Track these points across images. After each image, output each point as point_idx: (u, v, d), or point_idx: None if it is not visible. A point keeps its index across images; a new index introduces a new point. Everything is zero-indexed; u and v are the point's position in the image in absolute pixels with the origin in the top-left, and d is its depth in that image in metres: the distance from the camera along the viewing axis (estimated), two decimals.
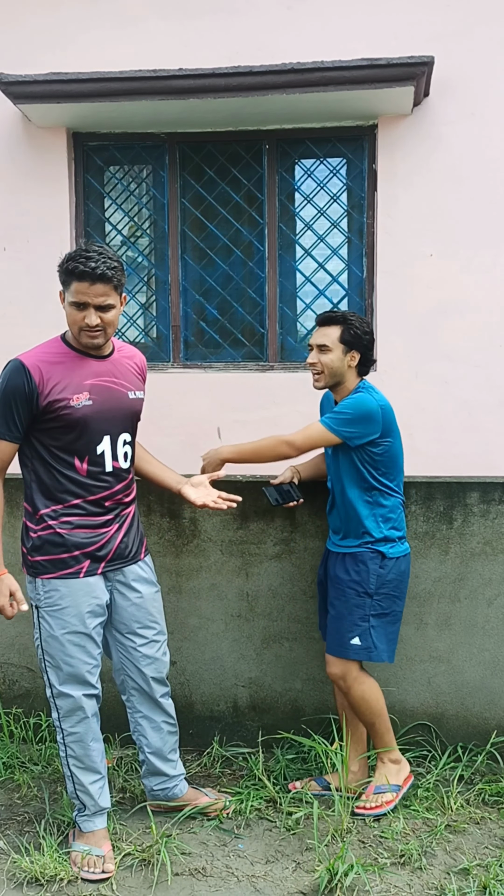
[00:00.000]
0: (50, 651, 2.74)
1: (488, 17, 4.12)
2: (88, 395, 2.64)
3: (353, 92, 3.97)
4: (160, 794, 3.07)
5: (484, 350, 4.20)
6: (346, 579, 3.08)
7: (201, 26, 4.27)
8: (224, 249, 4.55)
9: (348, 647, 3.05)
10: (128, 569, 2.86)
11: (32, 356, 2.64)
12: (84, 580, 2.73)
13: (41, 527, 2.72)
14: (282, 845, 2.92)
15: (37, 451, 2.68)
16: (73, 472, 2.67)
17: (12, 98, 4.14)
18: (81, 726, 2.78)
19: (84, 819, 2.84)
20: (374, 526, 3.08)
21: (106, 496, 2.74)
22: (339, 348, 2.99)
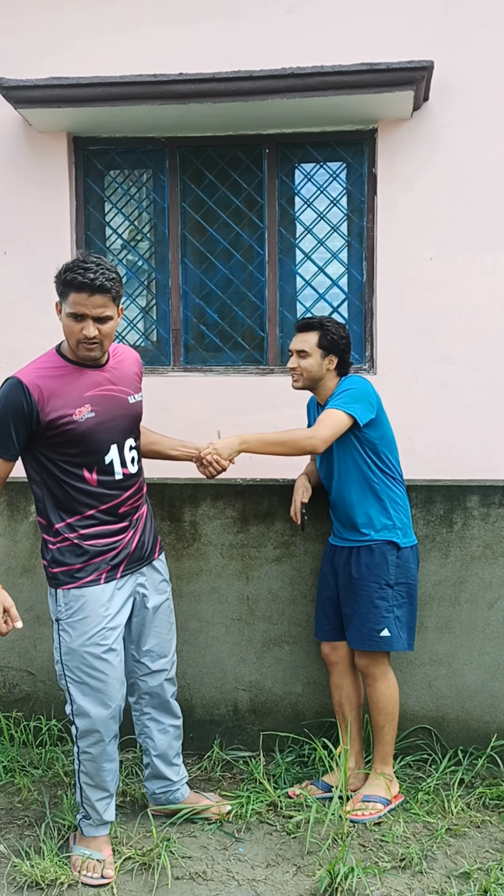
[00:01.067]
0: (70, 665, 2.72)
1: (487, 21, 4.12)
2: (90, 408, 2.62)
3: (352, 96, 3.97)
4: (162, 797, 3.06)
5: (484, 353, 4.20)
6: (365, 573, 3.10)
7: (201, 31, 4.28)
8: (224, 253, 4.55)
9: (378, 640, 3.10)
10: (147, 570, 2.89)
11: (30, 373, 2.61)
12: (103, 587, 2.72)
13: (58, 539, 2.71)
14: (282, 849, 2.92)
15: (45, 466, 2.66)
16: (84, 484, 2.66)
17: (13, 102, 4.14)
18: (96, 748, 2.76)
19: (87, 824, 2.84)
20: (385, 513, 3.12)
21: (119, 503, 2.74)
22: (317, 353, 3.13)
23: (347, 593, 3.15)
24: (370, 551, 3.11)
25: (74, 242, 4.51)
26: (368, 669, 3.13)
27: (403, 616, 3.14)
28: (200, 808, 3.06)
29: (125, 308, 4.68)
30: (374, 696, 3.14)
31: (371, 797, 3.11)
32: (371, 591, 3.10)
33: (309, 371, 3.13)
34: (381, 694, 3.13)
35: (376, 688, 3.13)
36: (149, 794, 3.09)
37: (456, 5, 4.14)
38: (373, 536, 3.11)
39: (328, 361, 3.15)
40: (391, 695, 3.15)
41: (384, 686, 3.14)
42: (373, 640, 3.10)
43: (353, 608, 3.13)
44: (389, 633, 3.09)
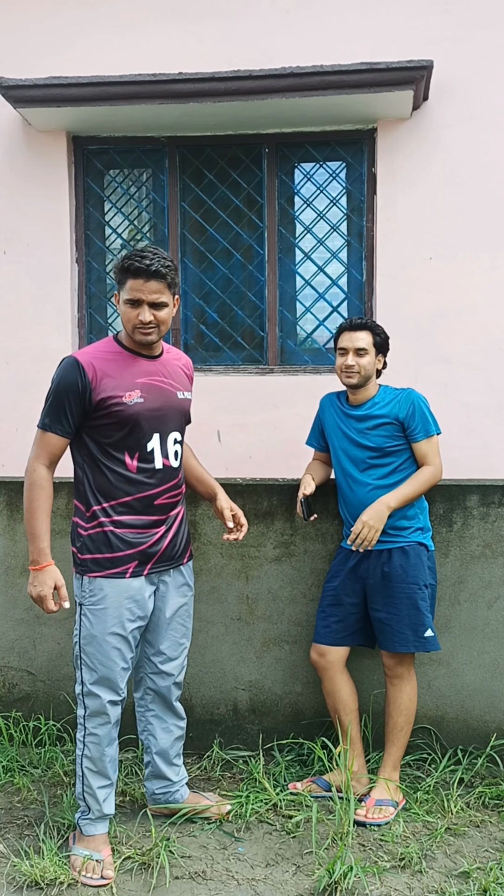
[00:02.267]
0: (87, 649, 2.76)
1: (487, 21, 4.13)
2: (140, 393, 2.69)
3: (352, 96, 3.97)
4: (161, 798, 3.06)
5: (483, 353, 4.21)
6: (401, 574, 3.14)
7: (201, 30, 4.28)
8: (224, 253, 4.55)
9: (424, 640, 3.15)
10: (173, 572, 2.91)
11: (86, 353, 2.69)
12: (128, 581, 2.76)
13: (92, 524, 2.74)
14: (282, 848, 2.92)
15: (88, 448, 2.72)
16: (124, 469, 2.71)
17: (12, 102, 4.15)
18: (102, 729, 2.80)
19: (86, 822, 2.83)
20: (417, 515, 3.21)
21: (156, 494, 2.77)
22: (372, 351, 3.23)
23: (386, 595, 3.16)
24: (403, 553, 3.16)
25: (74, 242, 4.51)
26: (397, 670, 3.17)
27: (432, 616, 3.24)
28: (200, 808, 3.06)
29: None
30: (398, 697, 3.16)
31: (383, 801, 3.12)
32: (412, 591, 3.14)
33: (366, 369, 3.20)
34: (407, 695, 3.17)
35: (402, 688, 3.17)
36: (148, 795, 3.09)
37: (455, 5, 4.14)
38: (407, 538, 3.17)
39: (378, 361, 3.26)
40: (414, 696, 3.20)
41: (409, 687, 3.19)
42: (419, 640, 3.14)
43: (389, 612, 3.15)
44: (432, 633, 3.17)
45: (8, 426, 4.50)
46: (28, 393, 4.48)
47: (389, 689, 3.20)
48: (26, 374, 4.47)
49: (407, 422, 3.18)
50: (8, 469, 4.41)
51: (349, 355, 3.20)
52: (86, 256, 4.59)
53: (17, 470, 4.33)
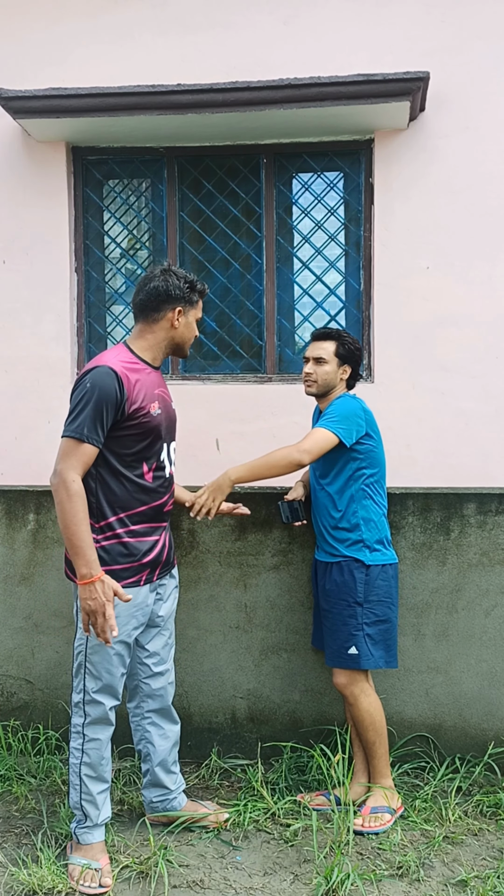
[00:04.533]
0: (93, 659, 2.77)
1: (483, 32, 4.16)
2: (158, 405, 2.80)
3: (349, 107, 4.00)
4: (159, 806, 3.07)
5: (480, 361, 4.22)
6: (334, 590, 3.13)
7: (199, 42, 4.31)
8: (222, 262, 4.57)
9: (346, 657, 3.08)
10: (169, 576, 3.00)
11: (116, 364, 2.70)
12: (139, 590, 2.81)
13: (105, 536, 2.75)
14: (280, 857, 2.92)
15: (106, 459, 2.72)
16: (141, 479, 2.78)
17: (12, 113, 4.17)
18: (104, 734, 2.84)
19: (83, 831, 2.84)
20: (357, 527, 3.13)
21: (165, 501, 2.88)
22: (334, 361, 3.20)
23: (323, 609, 3.19)
24: (339, 568, 3.14)
25: (73, 251, 4.53)
26: (347, 689, 3.12)
27: (377, 634, 3.11)
28: (198, 816, 3.06)
29: (124, 316, 4.70)
30: (358, 715, 3.13)
31: (379, 808, 3.12)
32: (340, 608, 3.12)
33: (324, 378, 3.19)
34: (365, 711, 3.12)
35: (359, 706, 3.12)
36: (146, 803, 3.10)
37: (452, 17, 4.17)
38: (342, 553, 3.14)
39: (342, 371, 3.23)
40: (375, 710, 3.13)
41: (366, 703, 3.13)
42: (341, 657, 3.10)
43: (326, 625, 3.17)
44: (357, 651, 3.08)
45: (7, 435, 4.51)
46: (27, 401, 4.49)
47: (349, 709, 3.18)
48: (25, 383, 4.48)
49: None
50: (7, 477, 4.42)
51: (308, 364, 3.23)
52: (85, 266, 4.61)
53: (16, 478, 4.35)
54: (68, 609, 3.64)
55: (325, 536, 3.19)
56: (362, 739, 3.18)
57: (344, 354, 3.21)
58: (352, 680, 3.11)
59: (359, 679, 3.12)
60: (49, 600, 3.66)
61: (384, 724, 3.16)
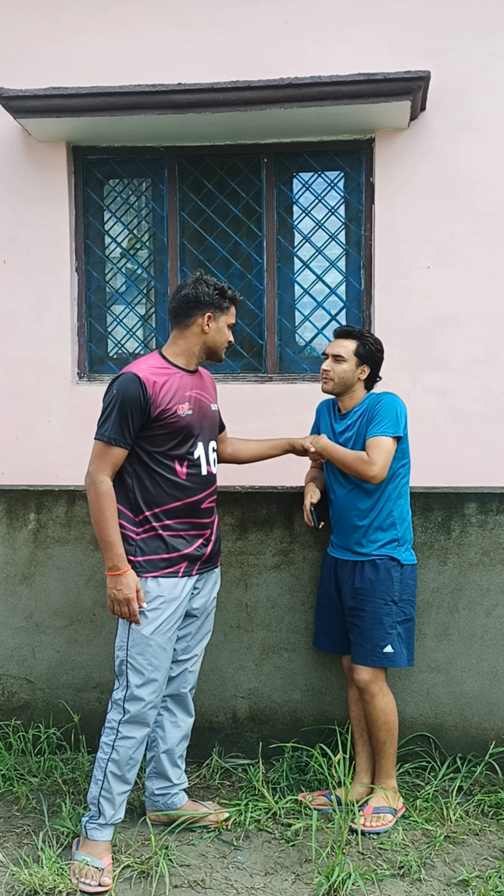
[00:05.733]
0: (134, 651, 2.86)
1: (483, 31, 4.16)
2: (189, 406, 2.90)
3: (350, 106, 4.00)
4: (160, 800, 3.07)
5: (481, 361, 4.22)
6: (369, 588, 3.12)
7: (200, 41, 4.31)
8: (223, 262, 4.57)
9: (381, 656, 3.11)
10: (210, 573, 3.08)
11: (143, 370, 2.85)
12: (181, 580, 2.91)
13: (143, 529, 2.88)
14: (281, 857, 2.92)
15: (140, 458, 2.87)
16: (174, 476, 2.88)
17: (12, 112, 4.17)
18: (139, 733, 2.88)
19: (93, 827, 2.86)
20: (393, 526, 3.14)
21: (202, 498, 2.96)
22: (352, 360, 3.20)
23: (355, 607, 3.16)
24: (374, 566, 3.13)
25: (74, 251, 4.53)
26: (368, 686, 3.13)
27: (405, 632, 3.17)
28: (199, 815, 3.06)
29: (125, 316, 4.70)
30: (374, 713, 3.14)
31: (381, 809, 3.12)
32: (377, 606, 3.12)
33: (342, 377, 3.19)
34: (382, 710, 3.14)
35: (375, 704, 3.13)
36: (147, 795, 3.10)
37: (452, 16, 4.17)
38: (378, 551, 3.13)
39: (360, 371, 3.21)
40: (391, 710, 3.16)
41: (384, 702, 3.14)
42: (376, 655, 3.11)
43: (357, 623, 3.15)
44: (392, 650, 3.12)
45: (8, 434, 4.50)
46: (28, 401, 4.49)
47: (365, 707, 3.17)
48: (26, 383, 4.48)
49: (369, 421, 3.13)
50: (7, 477, 4.42)
51: (327, 360, 3.22)
52: (85, 265, 4.61)
53: (17, 478, 4.34)
54: (69, 609, 3.64)
55: (355, 535, 3.16)
56: (373, 738, 3.18)
57: (363, 354, 3.20)
58: (375, 677, 3.14)
59: (381, 677, 3.15)
60: (50, 600, 3.66)
61: (396, 725, 3.17)
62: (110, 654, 3.60)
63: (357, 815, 3.07)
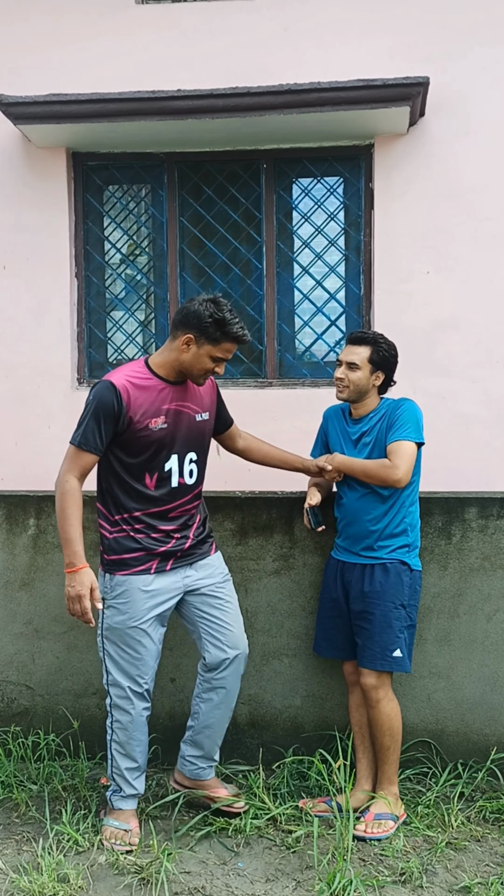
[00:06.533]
0: (109, 639, 3.00)
1: (482, 37, 4.17)
2: (164, 419, 2.92)
3: (349, 112, 4.01)
4: (187, 767, 3.18)
5: (481, 365, 4.22)
6: (379, 591, 3.11)
7: (199, 47, 4.32)
8: (222, 267, 4.58)
9: (390, 660, 3.10)
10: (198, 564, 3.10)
11: (121, 378, 2.88)
12: (150, 577, 2.98)
13: (116, 529, 2.99)
14: (282, 864, 2.91)
15: (112, 465, 2.95)
16: (143, 487, 2.95)
17: (12, 119, 4.18)
18: (125, 717, 3.03)
19: (117, 798, 3.07)
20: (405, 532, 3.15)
21: (170, 508, 3.00)
22: (366, 367, 3.17)
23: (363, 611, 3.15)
24: (385, 570, 3.13)
25: (73, 257, 4.54)
26: (374, 691, 3.12)
27: (409, 637, 3.17)
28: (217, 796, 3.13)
29: (124, 321, 4.70)
30: (379, 718, 3.13)
31: (383, 815, 3.10)
32: (387, 609, 3.11)
33: (356, 384, 3.16)
34: (387, 715, 3.13)
35: (381, 709, 3.13)
36: (180, 756, 3.20)
37: (451, 22, 4.19)
38: (389, 555, 3.13)
39: (375, 377, 3.19)
40: (396, 715, 3.15)
41: (389, 707, 3.14)
42: (385, 659, 3.10)
43: (366, 627, 3.14)
44: (400, 654, 3.11)
45: (7, 439, 4.50)
46: (27, 406, 4.49)
47: (369, 712, 3.16)
48: (26, 388, 4.48)
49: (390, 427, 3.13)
50: (7, 482, 4.41)
51: (341, 368, 3.19)
52: (85, 271, 4.62)
53: (17, 483, 4.34)
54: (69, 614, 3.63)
55: (367, 540, 3.15)
56: (377, 744, 3.17)
57: (377, 361, 3.16)
58: (382, 682, 3.13)
59: (387, 682, 3.15)
60: (49, 606, 3.65)
61: (400, 731, 3.16)
62: None
63: (358, 822, 3.05)
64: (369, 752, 3.25)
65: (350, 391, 3.17)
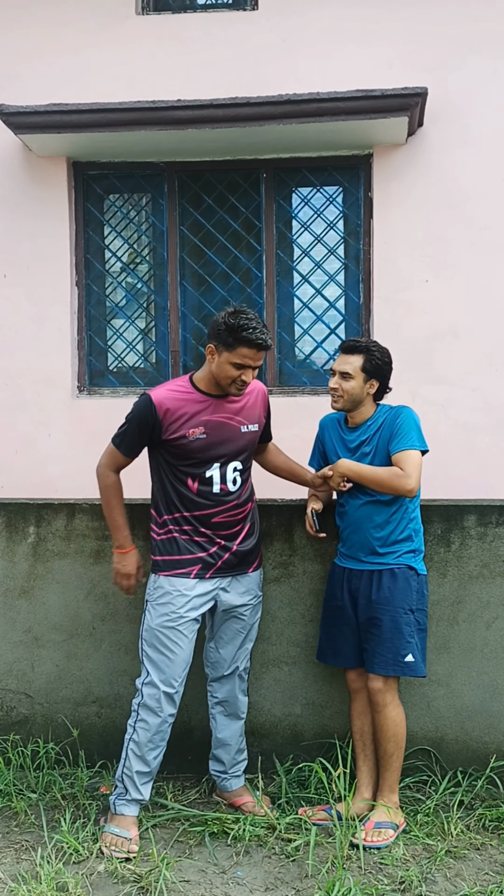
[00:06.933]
0: (147, 640, 3.12)
1: (480, 48, 4.20)
2: (203, 430, 3.03)
3: (348, 122, 4.03)
4: (217, 780, 3.32)
5: (480, 373, 4.23)
6: (388, 597, 3.12)
7: (199, 58, 4.35)
8: (222, 276, 4.60)
9: (402, 665, 3.10)
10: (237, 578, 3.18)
11: (162, 393, 3.05)
12: (190, 581, 3.09)
13: (163, 531, 3.13)
14: (281, 872, 2.90)
15: (161, 467, 3.12)
16: (186, 490, 3.08)
17: (13, 128, 4.21)
18: (154, 718, 3.09)
19: (121, 803, 3.10)
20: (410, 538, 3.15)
21: (213, 513, 3.10)
22: (360, 376, 3.15)
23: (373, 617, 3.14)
24: (392, 575, 3.13)
25: (74, 265, 4.55)
26: (381, 695, 3.12)
27: (420, 642, 3.17)
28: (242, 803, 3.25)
29: (125, 330, 4.72)
30: (384, 724, 3.12)
31: (383, 823, 3.09)
32: (397, 615, 3.11)
33: (350, 394, 3.14)
34: (392, 721, 3.12)
35: (387, 714, 3.12)
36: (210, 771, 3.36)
37: (449, 32, 4.22)
38: (396, 560, 3.14)
39: (369, 386, 3.16)
40: (401, 722, 3.14)
41: (395, 713, 3.13)
42: (398, 664, 3.10)
43: (375, 633, 3.13)
44: (412, 659, 3.11)
45: (7, 447, 4.51)
46: (28, 414, 4.50)
47: (375, 717, 3.16)
48: (26, 396, 4.50)
49: (392, 436, 3.12)
50: (7, 490, 4.42)
51: (335, 378, 3.17)
52: (86, 279, 4.64)
53: (17, 491, 4.34)
54: (68, 622, 3.63)
55: (375, 546, 3.15)
56: (380, 750, 3.16)
57: (370, 369, 3.14)
58: (389, 686, 3.13)
59: (394, 687, 3.15)
60: (49, 614, 3.65)
61: (404, 739, 3.15)
62: (110, 668, 3.60)
63: (358, 830, 3.04)
64: (370, 761, 3.24)
65: (344, 401, 3.16)
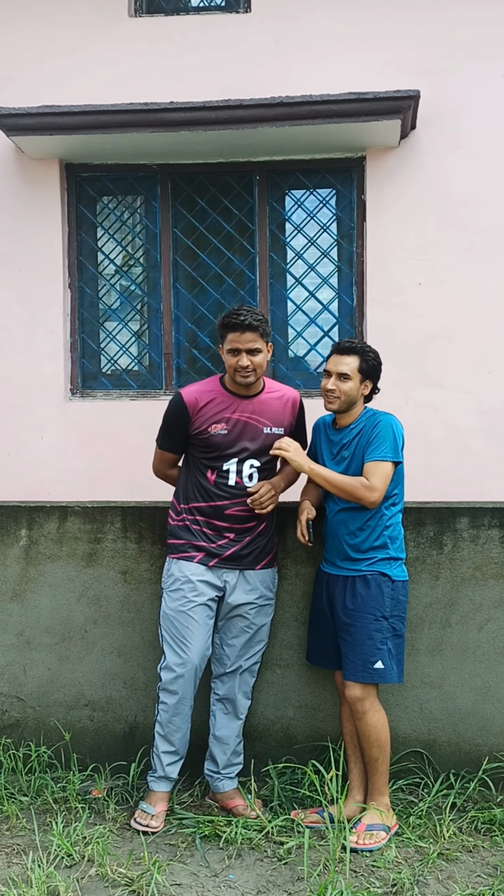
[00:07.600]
0: (164, 625, 3.26)
1: (472, 52, 4.21)
2: (224, 426, 3.20)
3: (341, 125, 4.04)
4: (210, 781, 3.35)
5: (473, 376, 4.24)
6: (360, 603, 3.11)
7: (192, 60, 4.35)
8: (216, 278, 4.60)
9: (372, 672, 3.09)
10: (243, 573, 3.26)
11: (192, 391, 3.24)
12: (195, 565, 3.22)
13: (179, 518, 3.30)
14: (273, 875, 2.89)
15: (189, 458, 3.31)
16: (205, 480, 3.25)
17: (5, 130, 4.20)
18: (172, 699, 3.22)
19: (152, 780, 3.27)
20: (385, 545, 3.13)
21: (226, 505, 3.22)
22: (357, 377, 3.16)
23: (346, 623, 3.15)
24: (365, 582, 3.12)
25: (66, 267, 4.55)
26: (359, 703, 3.12)
27: (395, 648, 3.15)
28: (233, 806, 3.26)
29: (118, 332, 4.71)
30: (366, 731, 3.12)
31: (374, 826, 3.09)
32: (367, 622, 3.10)
33: (348, 395, 3.14)
34: (373, 727, 3.12)
35: (367, 720, 3.12)
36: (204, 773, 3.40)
37: (442, 36, 4.23)
38: (369, 567, 3.12)
39: (364, 387, 3.18)
40: (383, 726, 3.14)
41: (375, 718, 3.12)
42: (367, 671, 3.09)
43: (348, 640, 3.13)
44: (382, 666, 3.10)
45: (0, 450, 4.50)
46: (20, 417, 4.49)
47: (357, 724, 3.16)
48: (19, 399, 4.49)
49: (368, 443, 3.10)
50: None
51: (331, 379, 3.15)
52: (78, 282, 4.63)
53: (8, 494, 4.34)
54: (60, 625, 3.62)
55: (348, 552, 3.15)
56: (365, 755, 3.16)
57: (366, 370, 3.15)
58: (366, 694, 3.12)
59: (372, 693, 3.14)
60: (41, 617, 3.64)
61: (388, 742, 3.15)
62: (102, 671, 3.59)
63: (350, 833, 3.04)
64: (361, 763, 3.24)
65: (341, 402, 3.15)
